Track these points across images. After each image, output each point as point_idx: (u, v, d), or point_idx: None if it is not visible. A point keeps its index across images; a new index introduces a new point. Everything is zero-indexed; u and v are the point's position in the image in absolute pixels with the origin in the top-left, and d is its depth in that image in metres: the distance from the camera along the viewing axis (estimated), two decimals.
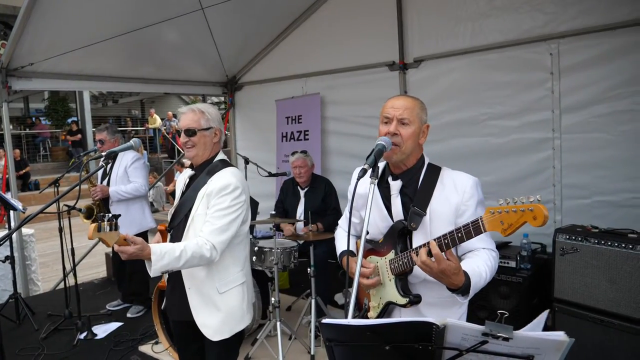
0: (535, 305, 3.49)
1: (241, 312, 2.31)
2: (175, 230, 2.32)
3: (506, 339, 1.04)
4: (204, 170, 2.29)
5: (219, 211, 2.16)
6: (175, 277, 2.30)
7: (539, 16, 3.99)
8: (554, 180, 4.05)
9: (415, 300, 1.73)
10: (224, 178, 2.20)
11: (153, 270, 2.00)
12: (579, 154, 3.91)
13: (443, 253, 1.53)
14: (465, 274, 1.59)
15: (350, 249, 1.96)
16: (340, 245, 2.13)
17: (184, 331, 2.37)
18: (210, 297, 2.23)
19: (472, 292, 1.61)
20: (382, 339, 1.14)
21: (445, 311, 1.81)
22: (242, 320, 2.31)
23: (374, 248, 1.89)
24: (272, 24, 5.83)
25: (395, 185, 1.84)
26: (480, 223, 1.46)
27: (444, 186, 1.78)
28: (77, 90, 16.31)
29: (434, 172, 1.83)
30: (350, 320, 1.18)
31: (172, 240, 2.30)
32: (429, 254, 1.55)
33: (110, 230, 1.89)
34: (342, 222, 2.23)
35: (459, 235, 1.53)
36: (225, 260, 2.24)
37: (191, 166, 2.39)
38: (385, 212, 1.85)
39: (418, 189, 1.81)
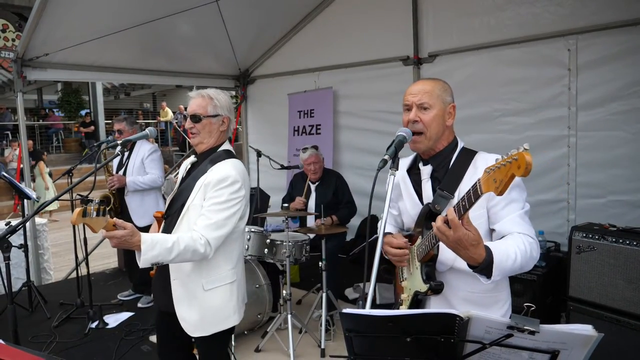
0: (550, 304, 3.45)
1: (226, 312, 2.18)
2: (170, 218, 2.22)
3: (532, 333, 1.02)
4: (206, 159, 2.18)
5: (216, 205, 2.05)
6: (163, 266, 2.16)
7: (557, 11, 3.93)
8: (568, 178, 3.99)
9: (436, 287, 1.63)
10: (224, 170, 2.09)
11: (142, 261, 1.89)
12: (594, 152, 3.85)
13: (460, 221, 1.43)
14: (487, 249, 1.49)
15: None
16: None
17: (167, 322, 2.25)
18: (194, 292, 2.13)
19: (496, 272, 1.48)
20: (403, 331, 1.12)
21: (483, 310, 1.61)
22: (226, 320, 2.19)
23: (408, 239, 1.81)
24: (286, 17, 5.81)
25: (425, 170, 1.78)
26: (478, 184, 1.36)
27: (476, 169, 1.69)
28: (90, 82, 16.43)
29: (468, 155, 1.75)
30: (371, 311, 1.16)
31: (166, 228, 2.21)
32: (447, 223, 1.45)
33: (98, 215, 1.79)
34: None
35: (463, 204, 1.43)
36: (216, 257, 2.11)
37: (194, 153, 2.30)
38: (417, 198, 1.79)
39: (448, 172, 1.74)
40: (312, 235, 4.02)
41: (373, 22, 5.18)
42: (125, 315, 4.42)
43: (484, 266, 1.48)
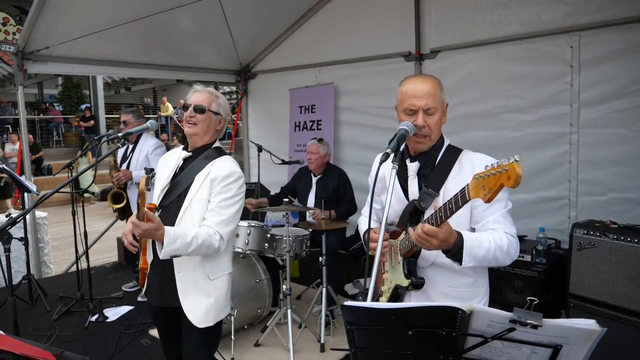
0: (550, 301, 3.45)
1: (227, 301, 2.30)
2: (165, 210, 2.23)
3: (535, 327, 1.01)
4: (200, 155, 2.24)
5: (225, 200, 2.14)
6: (159, 261, 2.13)
7: (560, 7, 3.92)
8: (569, 175, 3.99)
9: (417, 283, 1.69)
10: (229, 166, 2.19)
11: (163, 253, 2.00)
12: (596, 150, 3.84)
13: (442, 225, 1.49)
14: (459, 234, 1.53)
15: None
16: (362, 228, 2.09)
17: (164, 318, 2.33)
18: (201, 283, 2.20)
19: (467, 257, 1.53)
20: (405, 324, 1.12)
21: (461, 303, 1.75)
22: (226, 308, 2.29)
23: (391, 233, 1.86)
24: (287, 12, 5.80)
25: (412, 167, 1.79)
26: (467, 190, 1.38)
27: (462, 167, 1.71)
28: (91, 77, 16.35)
29: (454, 153, 1.77)
30: (373, 304, 1.16)
31: (162, 220, 2.20)
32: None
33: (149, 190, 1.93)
34: (365, 211, 2.18)
35: (450, 206, 1.46)
36: None
37: (185, 148, 2.32)
38: (402, 194, 1.81)
39: (434, 169, 1.76)
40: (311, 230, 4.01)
41: (375, 18, 5.16)
42: (125, 308, 4.43)
43: (455, 250, 1.53)
